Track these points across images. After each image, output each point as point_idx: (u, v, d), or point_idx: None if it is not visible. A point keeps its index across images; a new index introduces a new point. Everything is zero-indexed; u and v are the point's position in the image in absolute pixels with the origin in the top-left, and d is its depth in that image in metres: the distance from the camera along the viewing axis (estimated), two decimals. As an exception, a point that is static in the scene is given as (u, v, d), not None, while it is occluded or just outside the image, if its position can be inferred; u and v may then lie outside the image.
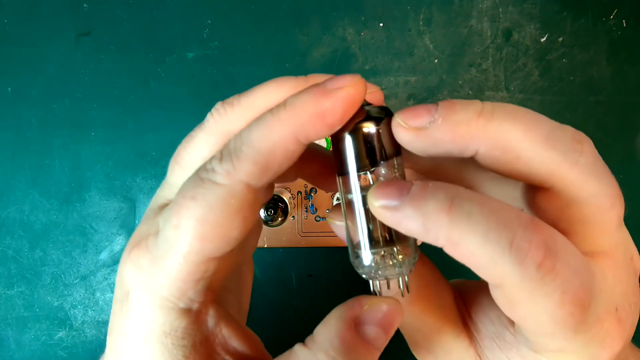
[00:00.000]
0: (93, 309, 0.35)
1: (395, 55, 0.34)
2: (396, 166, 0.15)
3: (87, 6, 0.34)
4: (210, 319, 0.16)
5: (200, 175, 0.15)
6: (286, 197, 0.31)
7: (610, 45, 0.34)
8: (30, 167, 0.34)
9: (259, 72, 0.34)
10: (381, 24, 0.34)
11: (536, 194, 0.14)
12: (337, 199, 0.31)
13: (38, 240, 0.34)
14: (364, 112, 0.15)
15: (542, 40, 0.34)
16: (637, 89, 0.34)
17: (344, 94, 0.14)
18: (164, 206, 0.17)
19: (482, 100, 0.14)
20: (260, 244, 0.31)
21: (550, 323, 0.13)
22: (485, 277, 0.13)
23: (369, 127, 0.15)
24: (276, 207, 0.31)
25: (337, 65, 0.34)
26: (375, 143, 0.15)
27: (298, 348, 0.15)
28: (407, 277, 0.16)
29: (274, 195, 0.31)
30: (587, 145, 0.13)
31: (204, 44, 0.34)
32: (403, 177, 0.16)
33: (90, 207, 0.34)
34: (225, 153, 0.14)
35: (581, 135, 0.13)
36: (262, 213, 0.30)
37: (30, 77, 0.34)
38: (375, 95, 0.17)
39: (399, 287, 0.16)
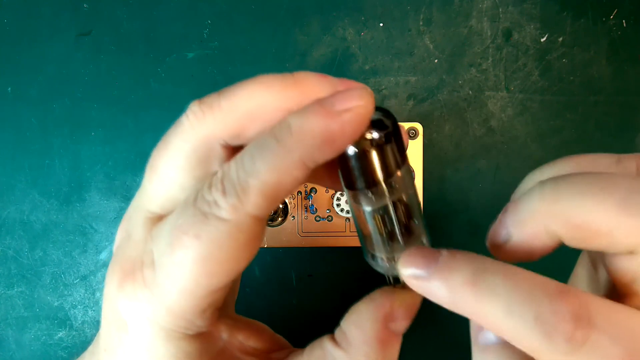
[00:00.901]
0: (93, 309, 0.35)
1: (395, 55, 0.34)
2: (404, 173, 0.15)
3: (87, 6, 0.34)
4: (223, 333, 0.16)
5: (202, 208, 0.14)
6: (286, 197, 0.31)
7: (610, 45, 0.34)
8: (30, 167, 0.34)
9: (259, 72, 0.34)
10: (381, 24, 0.34)
11: (616, 256, 0.13)
12: (338, 199, 0.31)
13: (38, 240, 0.34)
14: (369, 122, 0.14)
15: (542, 40, 0.34)
16: (637, 89, 0.34)
17: (354, 115, 0.13)
18: (148, 221, 0.16)
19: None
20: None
21: None
22: (522, 349, 0.12)
23: (376, 138, 0.14)
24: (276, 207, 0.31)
25: (337, 65, 0.34)
26: (383, 154, 0.14)
27: (332, 350, 0.15)
28: None
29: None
30: None
31: (204, 44, 0.34)
32: (412, 179, 0.15)
33: (90, 207, 0.34)
34: (229, 186, 0.13)
35: None
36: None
37: (30, 77, 0.34)
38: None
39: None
